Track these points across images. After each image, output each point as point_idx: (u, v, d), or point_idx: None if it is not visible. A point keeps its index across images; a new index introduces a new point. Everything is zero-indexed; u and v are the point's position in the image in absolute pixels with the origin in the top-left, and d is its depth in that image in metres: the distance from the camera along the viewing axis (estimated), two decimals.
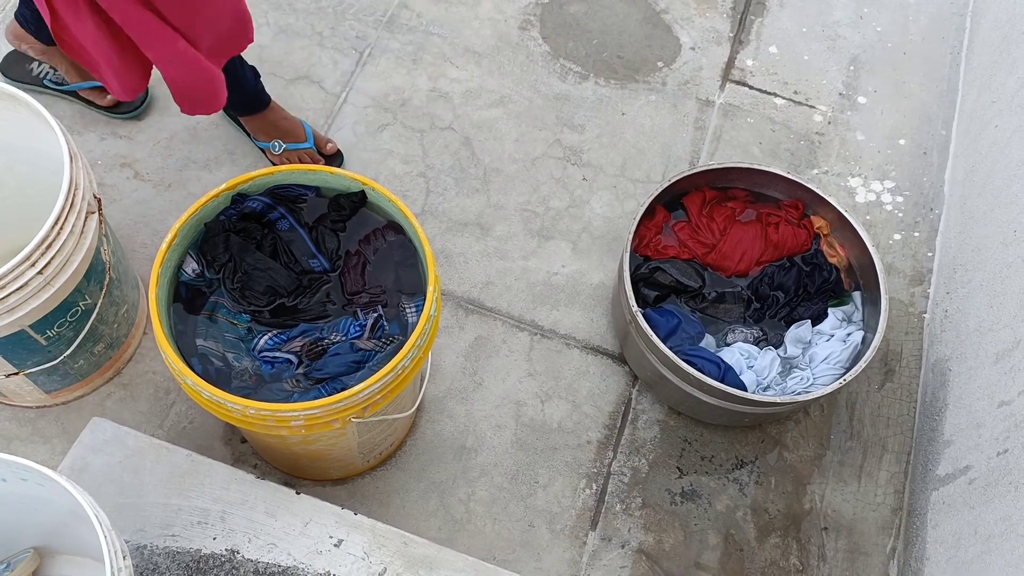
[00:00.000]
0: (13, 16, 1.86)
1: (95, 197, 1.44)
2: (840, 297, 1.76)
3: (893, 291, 1.95)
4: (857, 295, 1.76)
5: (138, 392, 1.72)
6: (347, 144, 2.03)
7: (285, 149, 1.93)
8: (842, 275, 1.78)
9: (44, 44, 1.89)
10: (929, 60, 2.28)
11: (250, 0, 2.17)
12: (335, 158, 1.98)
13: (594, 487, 1.71)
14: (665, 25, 2.28)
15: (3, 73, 2.00)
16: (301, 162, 1.94)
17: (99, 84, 1.94)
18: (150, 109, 2.02)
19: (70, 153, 1.37)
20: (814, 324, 1.72)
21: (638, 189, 2.04)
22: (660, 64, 2.22)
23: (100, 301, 1.52)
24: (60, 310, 1.43)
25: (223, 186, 1.39)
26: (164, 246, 1.33)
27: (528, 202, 2.01)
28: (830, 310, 1.73)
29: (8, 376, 1.51)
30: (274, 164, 1.94)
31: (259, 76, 1.87)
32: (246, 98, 1.88)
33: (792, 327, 1.72)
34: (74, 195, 1.35)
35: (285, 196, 1.44)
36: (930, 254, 2.01)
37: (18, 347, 1.44)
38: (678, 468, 1.75)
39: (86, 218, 1.41)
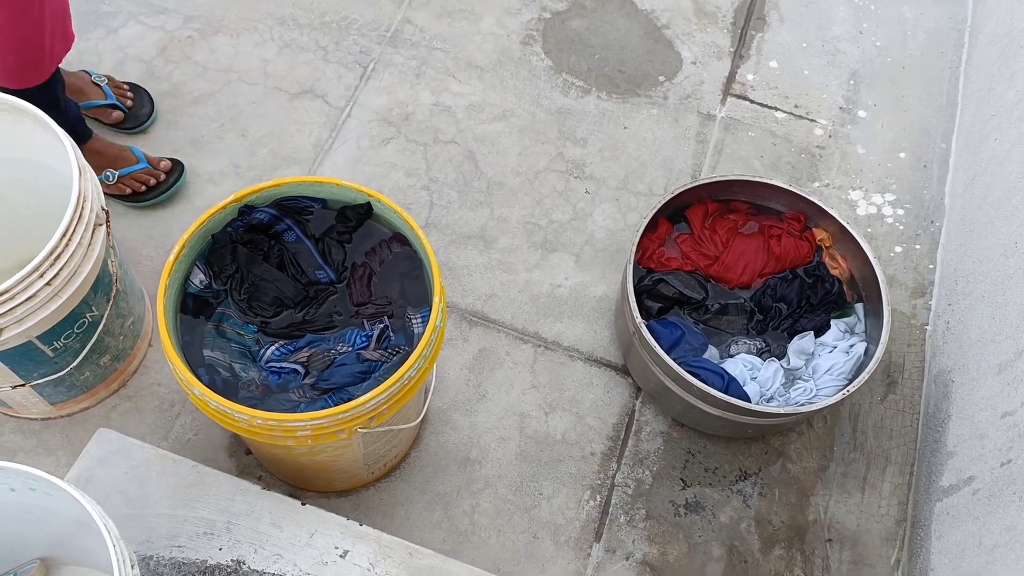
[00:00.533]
0: None
1: (103, 209, 1.45)
2: (842, 309, 1.77)
3: (895, 303, 1.96)
4: (859, 307, 1.77)
5: (143, 404, 1.73)
6: (351, 157, 2.04)
7: (119, 176, 1.88)
8: (844, 287, 1.79)
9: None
10: (928, 74, 2.30)
11: (253, 17, 2.21)
12: (173, 172, 1.93)
13: (598, 499, 1.72)
14: (666, 40, 2.31)
15: None
16: (139, 182, 1.89)
17: (102, 103, 1.96)
18: (155, 124, 2.03)
19: (79, 166, 1.38)
20: (817, 336, 1.73)
21: (640, 202, 2.06)
22: (662, 78, 2.24)
23: (107, 313, 1.52)
24: (67, 321, 1.43)
25: (230, 198, 1.40)
26: (172, 257, 1.33)
27: (531, 215, 2.02)
28: (833, 322, 1.74)
29: (14, 388, 1.52)
30: (111, 195, 1.91)
31: (80, 107, 1.83)
32: (68, 130, 1.83)
33: (795, 339, 1.73)
34: (83, 207, 1.36)
35: (292, 208, 1.45)
36: (931, 266, 2.02)
37: (25, 358, 1.45)
38: (682, 480, 1.75)
39: (94, 230, 1.42)
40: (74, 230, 1.35)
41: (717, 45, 2.31)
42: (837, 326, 1.73)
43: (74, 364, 1.52)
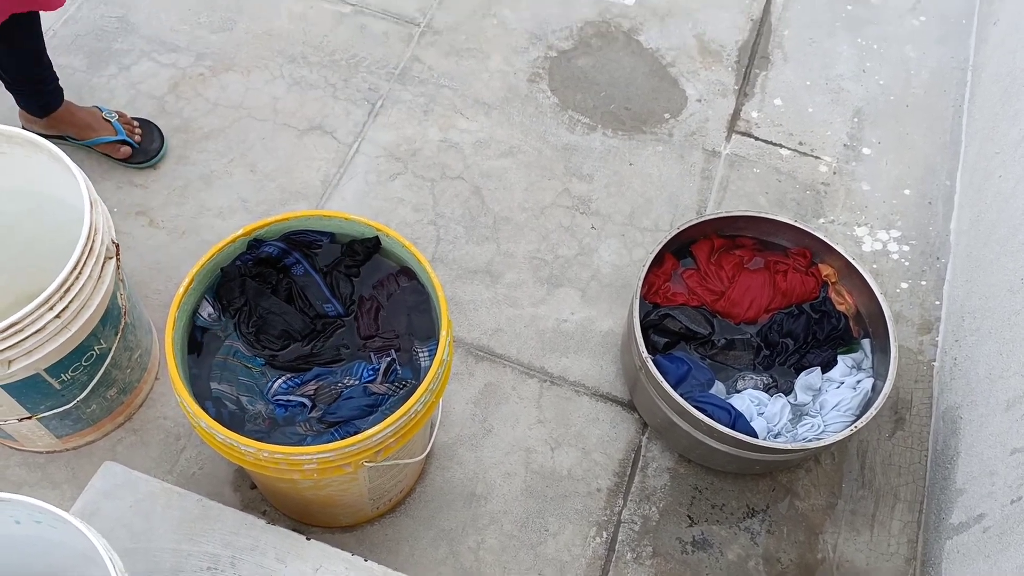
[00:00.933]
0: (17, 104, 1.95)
1: (113, 242, 1.46)
2: (849, 344, 1.77)
3: (902, 339, 1.96)
4: (866, 342, 1.77)
5: (149, 438, 1.72)
6: (359, 192, 2.06)
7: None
8: (850, 323, 1.79)
9: (46, 117, 1.94)
10: (931, 112, 2.32)
11: (263, 55, 2.24)
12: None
13: (604, 535, 1.70)
14: (671, 78, 2.33)
15: None
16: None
17: (112, 139, 1.98)
18: (166, 159, 2.06)
19: (90, 199, 1.39)
20: (824, 371, 1.73)
21: (646, 237, 2.06)
22: (667, 116, 2.26)
23: (115, 346, 1.53)
24: (75, 354, 1.44)
25: (239, 232, 1.41)
26: (181, 290, 1.34)
27: (537, 250, 2.03)
28: (839, 357, 1.74)
29: (21, 420, 1.52)
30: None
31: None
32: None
33: (802, 374, 1.73)
34: (93, 240, 1.38)
35: (300, 242, 1.46)
36: (937, 302, 2.02)
37: (32, 391, 1.45)
38: (688, 516, 1.73)
39: (104, 263, 1.43)
40: (84, 263, 1.36)
41: (722, 83, 2.33)
42: (844, 362, 1.73)
43: (81, 397, 1.52)
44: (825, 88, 2.35)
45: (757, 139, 2.24)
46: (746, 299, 1.79)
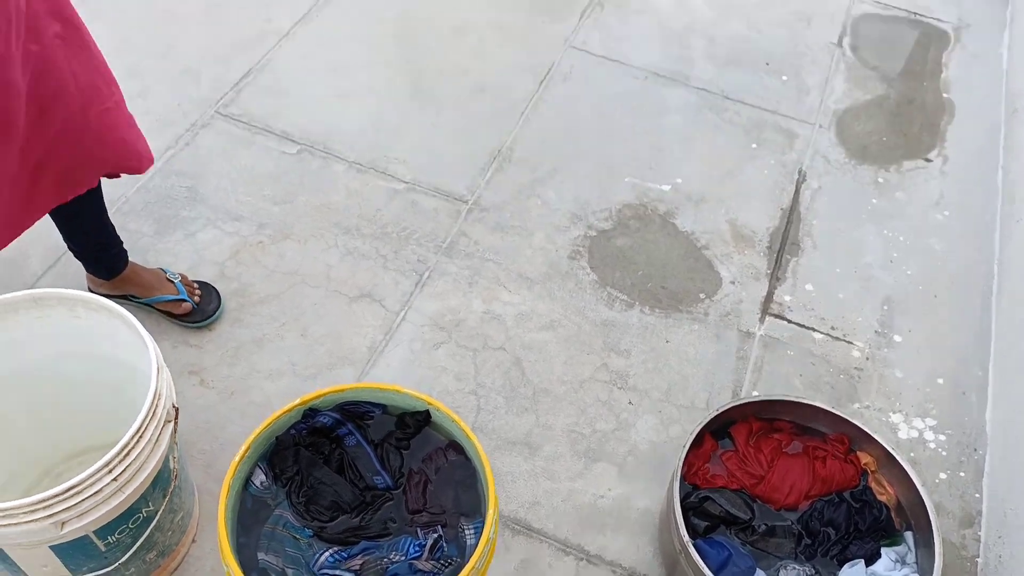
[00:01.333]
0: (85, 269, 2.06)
1: (174, 407, 1.51)
2: (892, 537, 1.75)
3: (943, 532, 1.93)
4: (909, 535, 1.74)
5: None
6: (404, 360, 2.12)
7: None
8: (892, 514, 1.78)
9: (111, 279, 2.05)
10: (960, 303, 2.38)
11: (320, 226, 2.37)
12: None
13: None
14: (706, 260, 2.43)
15: None
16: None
17: (172, 298, 2.08)
18: (221, 321, 2.14)
19: (157, 365, 1.45)
20: (868, 564, 1.70)
21: (683, 415, 2.09)
22: (702, 296, 2.34)
23: (162, 508, 1.55)
24: (124, 516, 1.45)
25: (296, 401, 1.46)
26: (237, 458, 1.38)
27: (575, 423, 2.05)
28: (883, 550, 1.71)
29: None
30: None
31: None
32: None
33: (845, 566, 1.70)
34: (156, 405, 1.43)
35: (353, 412, 1.50)
36: (978, 495, 2.00)
37: (78, 553, 1.46)
38: None
39: (162, 427, 1.47)
40: (146, 427, 1.40)
41: (754, 267, 2.42)
42: (888, 555, 1.70)
43: (123, 560, 1.52)
44: (854, 276, 2.43)
45: (790, 322, 2.31)
46: (786, 484, 1.79)
